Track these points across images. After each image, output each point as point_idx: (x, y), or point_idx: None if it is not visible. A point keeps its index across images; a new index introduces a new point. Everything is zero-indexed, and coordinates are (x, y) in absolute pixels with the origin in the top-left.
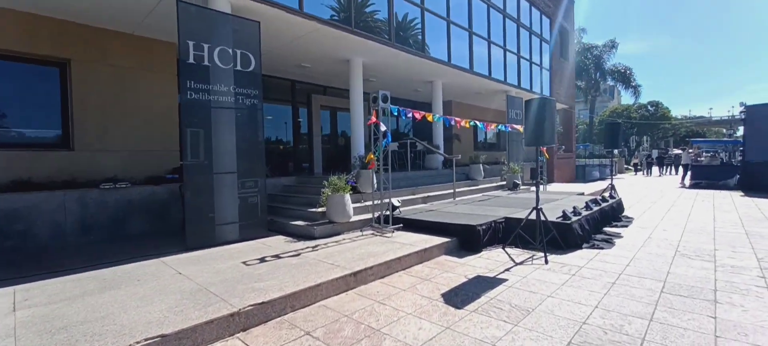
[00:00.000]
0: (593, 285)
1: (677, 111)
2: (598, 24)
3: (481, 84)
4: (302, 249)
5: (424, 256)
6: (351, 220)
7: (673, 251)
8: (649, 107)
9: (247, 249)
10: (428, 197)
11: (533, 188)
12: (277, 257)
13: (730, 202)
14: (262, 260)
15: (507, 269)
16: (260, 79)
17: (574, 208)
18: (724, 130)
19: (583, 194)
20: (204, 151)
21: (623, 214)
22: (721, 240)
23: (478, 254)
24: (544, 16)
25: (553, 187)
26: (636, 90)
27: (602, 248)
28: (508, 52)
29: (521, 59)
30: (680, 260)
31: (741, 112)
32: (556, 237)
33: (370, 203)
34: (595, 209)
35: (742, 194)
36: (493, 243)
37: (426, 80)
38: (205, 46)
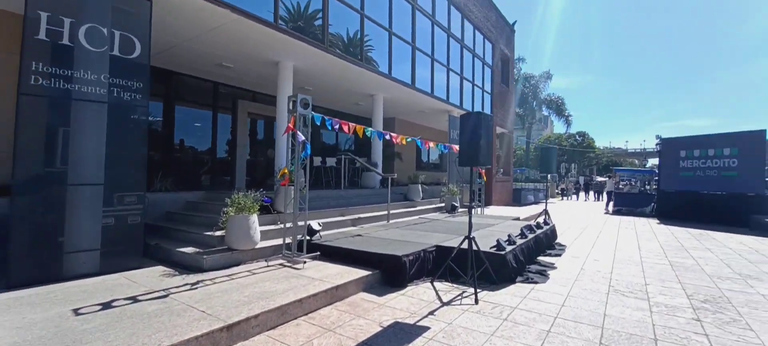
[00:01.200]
0: (526, 335)
1: (600, 142)
2: (530, 60)
3: (423, 102)
4: (176, 287)
5: (336, 295)
6: (257, 247)
7: (607, 285)
8: (577, 137)
9: (99, 287)
10: (359, 219)
11: (473, 212)
12: (133, 300)
13: (649, 230)
14: (107, 305)
15: (431, 313)
16: (148, 70)
17: (509, 236)
18: (637, 161)
19: (518, 219)
20: (58, 156)
21: (557, 241)
22: (649, 272)
23: (403, 291)
24: (487, 41)
25: (491, 210)
26: (568, 119)
27: (536, 282)
28: (451, 72)
29: (464, 80)
30: (615, 298)
31: (657, 144)
32: (489, 270)
33: (289, 225)
34: (530, 236)
35: (659, 221)
36: (421, 276)
37: (367, 94)
38: (67, 21)
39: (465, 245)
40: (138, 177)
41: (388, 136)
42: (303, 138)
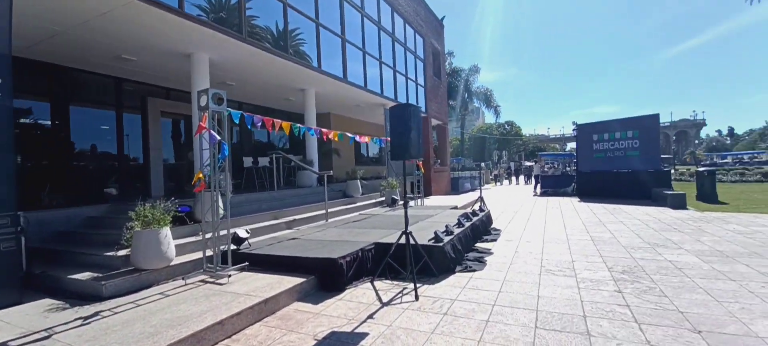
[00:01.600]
0: (466, 329)
1: (526, 130)
2: (459, 55)
3: (358, 96)
4: (64, 324)
5: (265, 309)
6: (173, 264)
7: (539, 266)
8: (505, 126)
9: None
10: (295, 220)
11: (413, 203)
12: None
13: (572, 208)
14: None
15: (371, 316)
16: (9, 62)
17: (446, 226)
18: (558, 146)
19: (456, 207)
20: None
21: (492, 226)
22: (575, 249)
23: (341, 295)
24: (417, 35)
25: (431, 200)
26: (496, 110)
27: (474, 270)
28: (384, 65)
29: (398, 74)
30: (547, 278)
31: (573, 130)
32: (429, 263)
33: (209, 235)
34: (467, 225)
35: (579, 199)
36: (361, 276)
37: (297, 88)
38: None
39: (403, 240)
40: (4, 193)
41: (318, 133)
42: (218, 138)
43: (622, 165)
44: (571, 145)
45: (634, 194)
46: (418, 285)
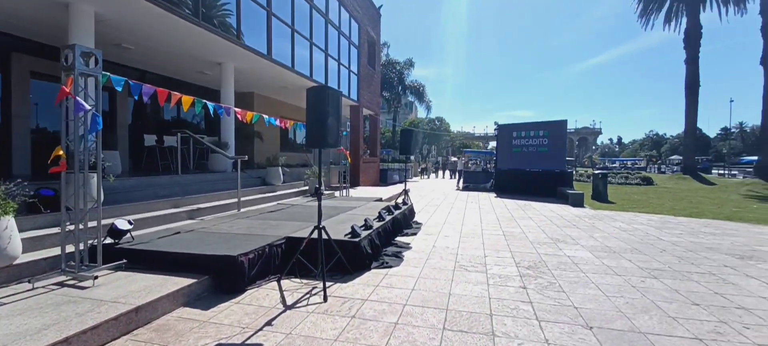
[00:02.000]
0: (373, 333)
1: (454, 127)
2: (394, 47)
3: (284, 77)
4: None
5: (137, 319)
6: (19, 262)
7: (454, 262)
8: (436, 121)
9: None
10: (199, 210)
11: (338, 194)
12: None
13: (489, 203)
14: None
15: (269, 322)
16: None
17: (366, 221)
18: (481, 144)
19: (381, 199)
20: None
21: (414, 220)
22: (488, 243)
23: (240, 297)
24: (353, 20)
25: (358, 191)
26: (428, 105)
27: (391, 266)
28: (315, 47)
29: (330, 58)
30: (460, 274)
31: (495, 129)
32: (343, 259)
33: (72, 227)
34: (388, 218)
35: (496, 195)
36: (267, 274)
37: (213, 62)
38: None
39: (316, 235)
40: None
41: (229, 112)
42: (87, 107)
43: (534, 165)
44: (492, 144)
45: (542, 191)
46: (329, 284)
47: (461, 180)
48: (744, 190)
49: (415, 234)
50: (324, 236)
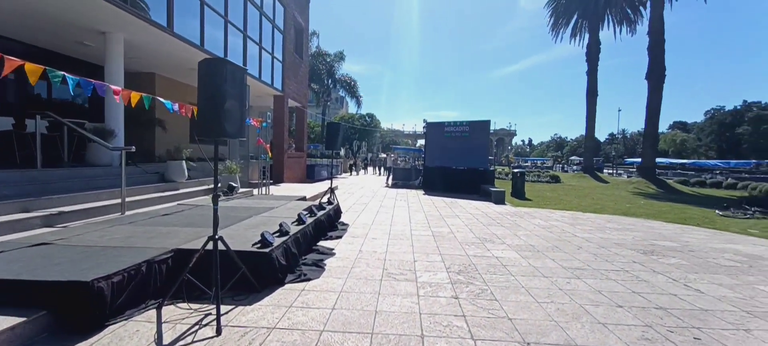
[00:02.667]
0: None
1: (384, 124)
2: (325, 39)
3: (192, 56)
4: None
5: None
6: None
7: (381, 269)
8: (366, 118)
9: None
10: (62, 214)
11: (258, 192)
12: None
13: (417, 201)
14: None
15: None
16: None
17: (281, 226)
18: (410, 142)
19: (304, 198)
20: None
21: (340, 220)
22: (417, 246)
23: (96, 338)
24: (278, 2)
25: (281, 189)
26: (359, 100)
27: (310, 279)
28: (231, 26)
29: (249, 40)
30: (388, 285)
31: (423, 127)
32: (248, 275)
33: None
34: (309, 221)
35: (424, 192)
36: (144, 300)
37: (96, 30)
38: None
39: (212, 247)
40: None
41: (100, 89)
42: None
43: (460, 162)
44: (421, 142)
45: (467, 188)
46: (229, 308)
47: (390, 177)
48: (631, 188)
49: (340, 237)
50: (222, 247)
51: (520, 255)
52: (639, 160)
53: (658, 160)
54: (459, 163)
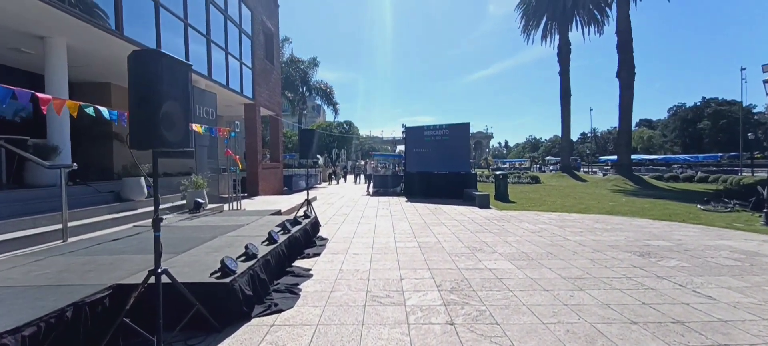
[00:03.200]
0: None
1: (363, 131)
2: (300, 48)
3: None
4: None
5: None
6: None
7: (365, 291)
8: (344, 125)
9: None
10: None
11: (229, 207)
12: None
13: (400, 209)
14: None
15: None
16: None
17: (247, 249)
18: (389, 148)
19: (280, 212)
20: None
21: (318, 235)
22: (403, 260)
23: None
24: (244, 6)
25: (256, 202)
26: (335, 107)
27: (281, 310)
28: (192, 30)
29: (214, 46)
30: (373, 312)
31: (402, 132)
32: (203, 312)
33: None
34: (282, 239)
35: (406, 199)
36: None
37: (32, 34)
38: None
39: (162, 280)
40: None
41: (21, 96)
42: None
43: (442, 167)
44: (400, 148)
45: (450, 193)
46: None
47: (371, 185)
48: (610, 185)
49: (318, 255)
50: (167, 280)
51: (515, 265)
52: (613, 157)
53: (631, 157)
54: (440, 168)
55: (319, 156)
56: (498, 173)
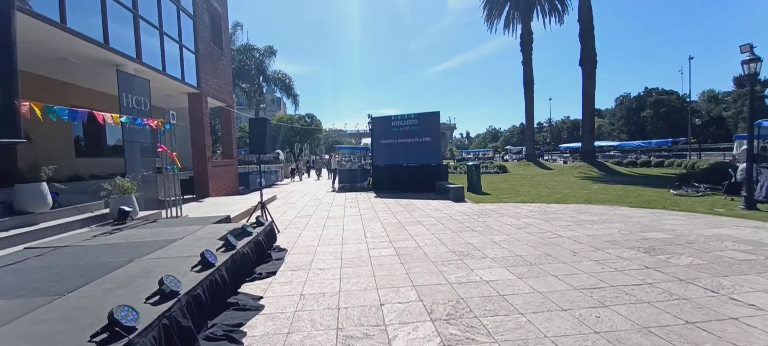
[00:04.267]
0: None
1: (325, 124)
2: (254, 35)
3: (55, 41)
4: None
5: None
6: None
7: (334, 330)
8: (306, 119)
9: None
10: None
11: (168, 213)
12: None
13: (370, 206)
14: None
15: None
16: None
17: (162, 285)
18: (353, 141)
19: (229, 218)
20: None
21: (276, 244)
22: (381, 276)
23: None
24: None
25: (204, 205)
26: (295, 99)
27: None
28: (113, 1)
29: (144, 23)
30: None
31: (369, 123)
32: None
33: None
34: (222, 261)
35: (375, 195)
36: None
37: None
38: None
39: None
40: None
41: None
42: None
43: (411, 159)
44: (366, 141)
45: (421, 186)
46: None
47: (336, 180)
48: (576, 172)
49: (273, 273)
50: None
51: (514, 274)
52: (572, 145)
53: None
54: (410, 160)
55: (280, 151)
56: (470, 164)
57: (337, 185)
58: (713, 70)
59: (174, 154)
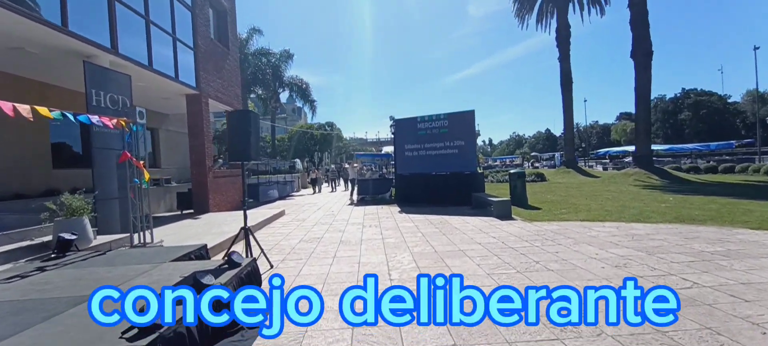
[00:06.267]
0: None
1: (346, 133)
2: (275, 44)
3: (15, 29)
4: None
5: None
6: None
7: None
8: (326, 127)
9: None
10: None
11: (140, 237)
12: None
13: (394, 226)
14: None
15: None
16: None
17: None
18: (374, 149)
19: (205, 249)
20: None
21: (271, 275)
22: None
23: None
24: None
25: (195, 225)
26: (312, 105)
27: None
28: None
29: (122, 6)
30: None
31: (391, 126)
32: None
33: None
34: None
35: (400, 209)
36: None
37: None
38: None
39: None
40: None
41: None
42: None
43: (440, 167)
44: (387, 148)
45: (454, 199)
46: None
47: (355, 191)
48: (631, 180)
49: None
50: None
51: None
52: (610, 149)
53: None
54: (439, 168)
55: (297, 160)
56: (513, 172)
57: (355, 197)
58: (749, 72)
59: (141, 163)
